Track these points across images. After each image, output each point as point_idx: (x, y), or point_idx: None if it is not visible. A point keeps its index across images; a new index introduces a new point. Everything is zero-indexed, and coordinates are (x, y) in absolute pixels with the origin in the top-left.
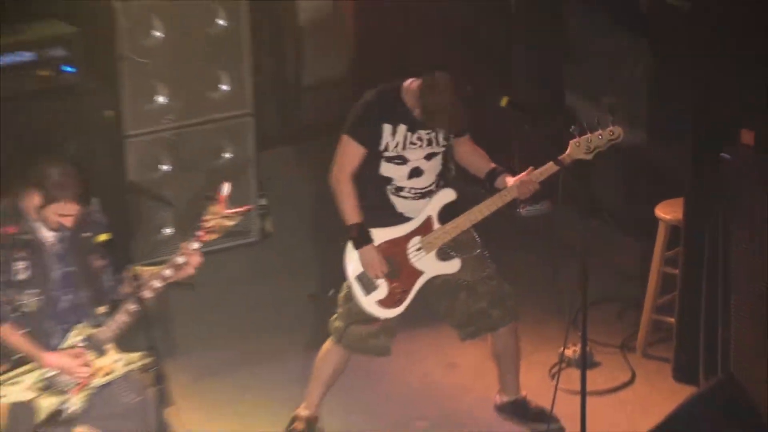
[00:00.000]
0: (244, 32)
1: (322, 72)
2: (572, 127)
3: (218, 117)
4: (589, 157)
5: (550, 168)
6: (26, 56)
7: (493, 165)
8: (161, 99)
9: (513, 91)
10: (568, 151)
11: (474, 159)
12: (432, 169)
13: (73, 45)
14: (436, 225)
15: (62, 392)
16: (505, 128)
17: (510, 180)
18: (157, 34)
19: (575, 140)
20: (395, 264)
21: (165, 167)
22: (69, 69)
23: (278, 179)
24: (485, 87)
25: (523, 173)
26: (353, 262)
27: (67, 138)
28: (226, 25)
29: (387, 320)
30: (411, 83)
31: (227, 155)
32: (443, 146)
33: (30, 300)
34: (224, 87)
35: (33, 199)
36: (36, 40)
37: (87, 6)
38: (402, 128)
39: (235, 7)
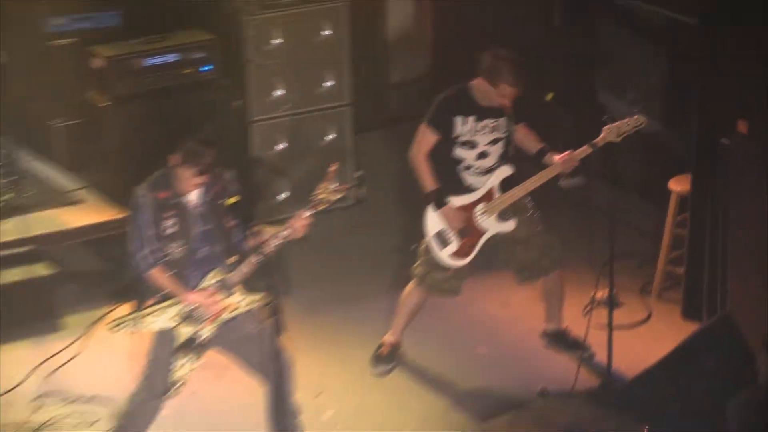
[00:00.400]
0: (345, 40)
1: (405, 71)
2: (605, 116)
3: (323, 107)
4: (618, 140)
5: (587, 149)
6: (173, 57)
7: (542, 146)
8: (279, 92)
9: (556, 89)
10: (602, 136)
11: (528, 142)
12: (495, 151)
13: (210, 49)
14: (497, 194)
15: (197, 323)
16: (551, 118)
17: (556, 158)
18: (276, 41)
19: (608, 127)
20: (464, 224)
21: (281, 146)
22: (207, 68)
23: (370, 156)
24: (536, 85)
25: (566, 153)
26: (431, 222)
27: (205, 122)
28: (330, 33)
29: (457, 268)
30: (479, 81)
31: (330, 137)
32: (505, 132)
33: (176, 250)
34: (328, 83)
35: (179, 170)
36: (181, 44)
37: (222, 18)
38: (471, 119)
39: (338, 20)
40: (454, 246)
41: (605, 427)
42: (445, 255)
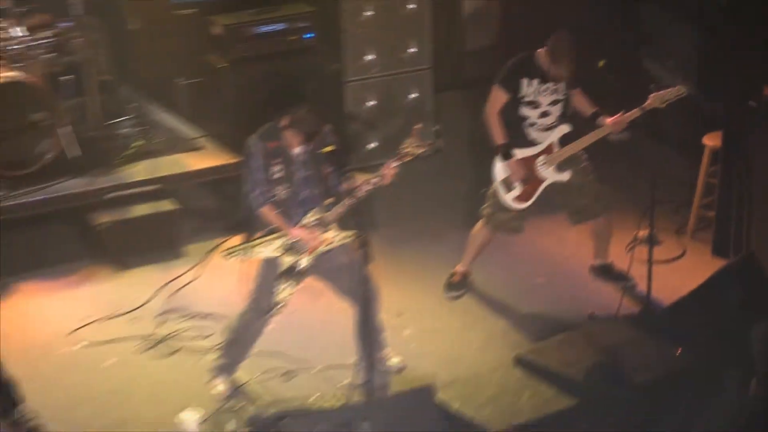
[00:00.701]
0: (427, 12)
1: (479, 39)
2: (651, 85)
3: (408, 69)
4: (663, 106)
5: (635, 113)
6: (280, 26)
7: (596, 108)
8: (369, 57)
9: (608, 58)
10: (648, 102)
11: (583, 105)
12: (555, 111)
13: (312, 19)
14: (556, 148)
15: (298, 253)
16: (603, 83)
17: (607, 120)
18: (368, 13)
19: (653, 94)
20: (527, 173)
21: (371, 103)
22: (309, 35)
23: (446, 113)
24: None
25: (617, 115)
26: (499, 170)
27: (307, 82)
28: (415, 6)
29: (520, 210)
30: (544, 51)
31: (413, 96)
32: (564, 95)
33: (282, 192)
34: (412, 49)
35: (287, 131)
36: (287, 15)
37: None
38: (535, 82)
39: None
40: (517, 191)
41: (645, 347)
42: (509, 199)
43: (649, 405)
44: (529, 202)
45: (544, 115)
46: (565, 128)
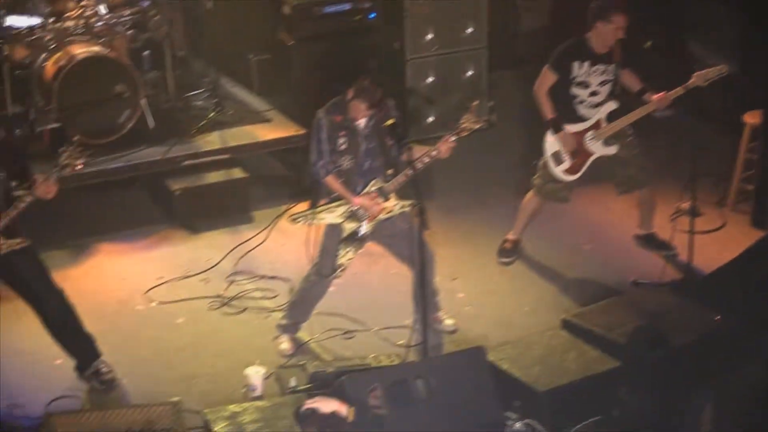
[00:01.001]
0: None
1: (531, 21)
2: (695, 64)
3: (465, 49)
4: (705, 84)
5: (679, 90)
6: (346, 6)
7: (642, 86)
8: (429, 36)
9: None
10: (692, 80)
11: (631, 83)
12: (604, 90)
13: (376, 0)
14: (604, 124)
15: (359, 220)
16: (649, 62)
17: (653, 97)
18: None
19: (697, 73)
20: (576, 147)
21: (430, 79)
22: (372, 15)
23: (500, 89)
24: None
25: (662, 93)
26: (549, 144)
27: (370, 59)
28: None
29: (568, 182)
30: (593, 32)
31: (469, 73)
32: (613, 76)
33: (346, 162)
34: (469, 30)
35: (352, 102)
36: None
37: None
38: (586, 64)
39: None
40: (567, 164)
41: (687, 312)
42: (559, 171)
43: (687, 368)
44: (578, 174)
45: (594, 94)
46: (612, 105)
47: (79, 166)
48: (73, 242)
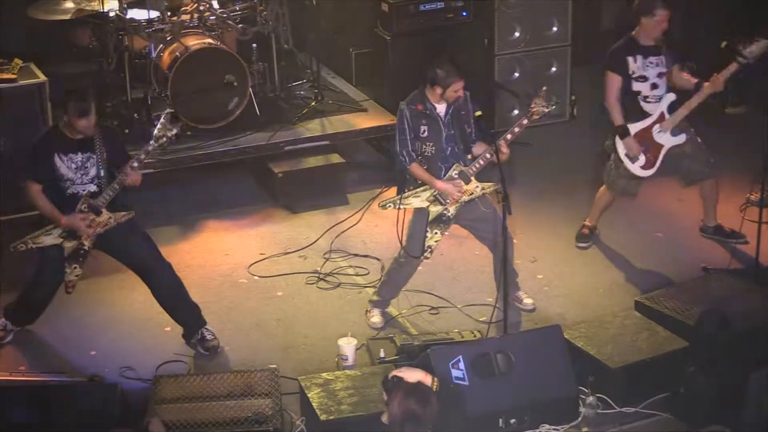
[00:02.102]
0: None
1: (612, 20)
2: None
3: (550, 46)
4: (751, 61)
5: (730, 68)
6: (440, 5)
7: (697, 80)
8: (517, 34)
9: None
10: (739, 59)
11: (685, 80)
12: (662, 82)
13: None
14: (667, 116)
15: (443, 204)
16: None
17: (706, 83)
18: None
19: (747, 49)
20: (647, 143)
21: (516, 74)
22: (464, 14)
23: (582, 84)
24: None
25: (713, 76)
26: (621, 146)
27: (460, 54)
28: None
29: (640, 177)
30: (638, 27)
31: (553, 69)
32: (665, 67)
33: (428, 149)
34: (554, 28)
35: (434, 89)
36: None
37: None
38: (640, 57)
39: None
40: (642, 161)
41: (752, 297)
42: (636, 168)
43: (752, 349)
44: (654, 168)
45: (654, 87)
46: (671, 96)
47: (173, 137)
48: (183, 219)
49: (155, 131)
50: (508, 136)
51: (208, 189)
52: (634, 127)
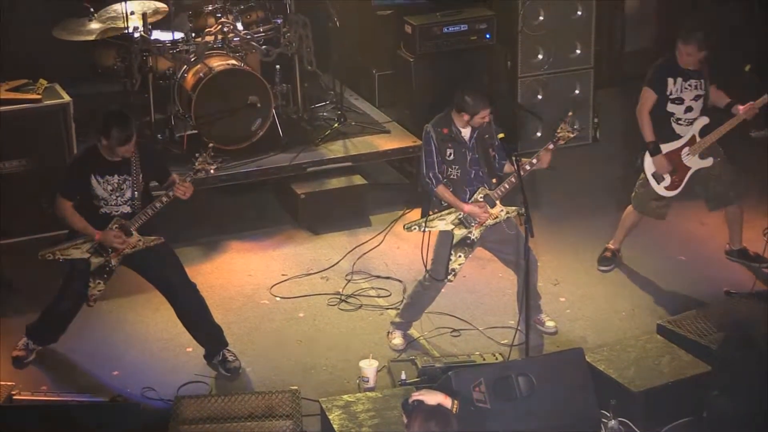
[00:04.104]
0: (592, 19)
1: (636, 43)
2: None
3: (572, 69)
4: None
5: (765, 99)
6: (463, 27)
7: (729, 100)
8: (540, 56)
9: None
10: None
11: (720, 98)
12: (697, 105)
13: (491, 22)
14: (698, 139)
15: (468, 227)
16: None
17: (740, 108)
18: (541, 18)
19: None
20: (674, 164)
21: (539, 96)
22: (488, 36)
23: (605, 106)
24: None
25: (748, 103)
26: (649, 164)
27: (483, 77)
28: (581, 14)
29: (668, 198)
30: (680, 49)
31: (576, 92)
32: (703, 90)
33: (454, 172)
34: (577, 51)
35: (461, 115)
36: (469, 18)
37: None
38: (679, 80)
39: (587, 4)
40: (667, 181)
41: None
42: (661, 188)
43: None
44: (678, 190)
45: (688, 110)
46: (704, 120)
47: (212, 171)
48: (206, 240)
49: (196, 164)
50: (534, 161)
51: (231, 210)
52: (664, 148)
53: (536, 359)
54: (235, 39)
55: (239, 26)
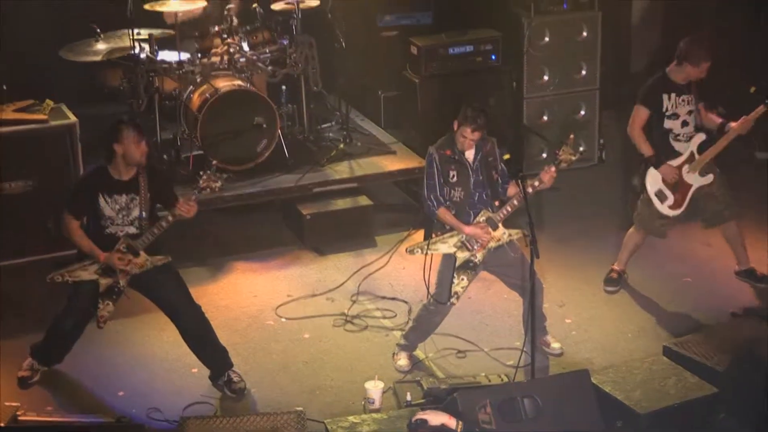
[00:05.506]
0: (597, 39)
1: (641, 63)
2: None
3: (578, 89)
4: None
5: (759, 110)
6: (468, 48)
7: (722, 120)
8: (545, 77)
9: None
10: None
11: (711, 120)
12: (691, 120)
13: (496, 43)
14: (697, 156)
15: (471, 249)
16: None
17: (733, 125)
18: (546, 39)
19: None
20: (677, 181)
21: (545, 117)
22: (493, 57)
23: (611, 128)
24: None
25: (741, 119)
26: (651, 182)
27: (489, 98)
28: (586, 35)
29: (673, 217)
30: (673, 66)
31: (582, 113)
32: (695, 105)
33: (457, 194)
34: (583, 72)
35: (460, 129)
36: (475, 39)
37: (507, 20)
38: (673, 95)
39: (592, 25)
40: (670, 200)
41: None
42: (664, 208)
43: None
44: (682, 209)
45: (684, 124)
46: (702, 136)
47: (217, 188)
48: (211, 260)
49: (200, 182)
50: (536, 183)
51: (236, 230)
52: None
53: (542, 381)
54: (241, 60)
55: (245, 47)
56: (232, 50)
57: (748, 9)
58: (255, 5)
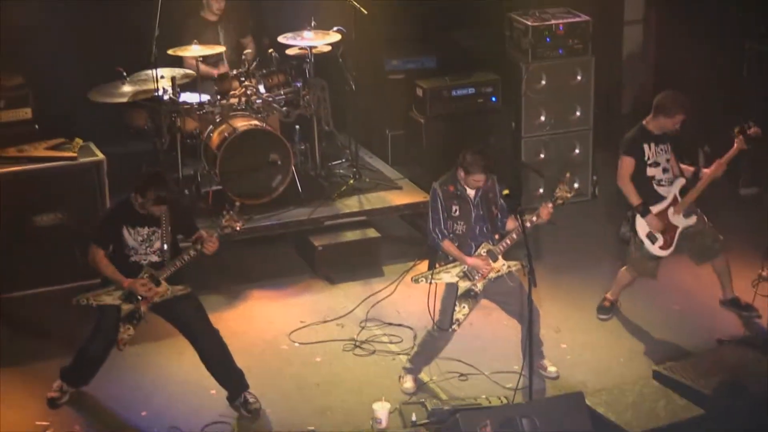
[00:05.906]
0: (591, 82)
1: (633, 105)
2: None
3: (573, 129)
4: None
5: (731, 153)
6: (470, 90)
7: (693, 169)
8: (542, 118)
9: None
10: (735, 145)
11: (683, 165)
12: (670, 166)
13: (496, 86)
14: (679, 198)
15: (472, 279)
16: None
17: (706, 171)
18: (543, 82)
19: (738, 138)
20: (664, 224)
21: (542, 155)
22: (494, 99)
23: (604, 165)
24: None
25: (714, 163)
26: (641, 226)
27: (489, 137)
28: (580, 78)
29: (663, 258)
30: (649, 119)
31: (576, 152)
32: (670, 153)
33: (459, 228)
34: (577, 113)
35: (471, 179)
36: (476, 81)
37: (506, 65)
38: (652, 145)
39: (586, 69)
40: (660, 241)
41: (764, 367)
42: (656, 248)
43: (766, 416)
44: (672, 248)
45: (665, 171)
46: (682, 181)
47: (239, 228)
48: (229, 288)
49: (222, 221)
50: (534, 218)
51: (252, 260)
52: (652, 210)
53: (539, 402)
54: (257, 101)
55: (262, 89)
56: (249, 92)
57: (734, 55)
58: (271, 50)
